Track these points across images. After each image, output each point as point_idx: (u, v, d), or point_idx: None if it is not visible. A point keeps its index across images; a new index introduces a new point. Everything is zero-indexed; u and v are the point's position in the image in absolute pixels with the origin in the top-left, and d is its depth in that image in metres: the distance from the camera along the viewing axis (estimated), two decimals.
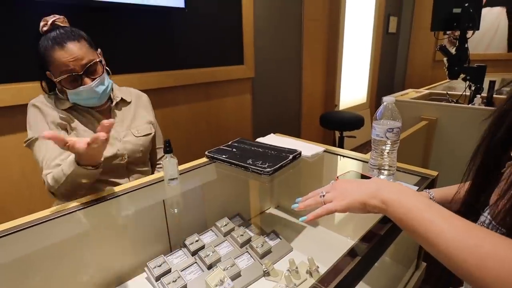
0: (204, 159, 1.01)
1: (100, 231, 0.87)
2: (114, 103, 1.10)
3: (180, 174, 0.90)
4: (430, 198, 0.69)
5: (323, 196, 0.59)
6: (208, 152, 1.01)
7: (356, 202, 0.53)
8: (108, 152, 1.03)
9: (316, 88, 3.11)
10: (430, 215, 0.43)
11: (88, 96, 0.98)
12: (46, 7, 1.28)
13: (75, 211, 0.77)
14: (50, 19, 0.97)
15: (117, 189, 0.86)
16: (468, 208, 0.54)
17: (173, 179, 0.86)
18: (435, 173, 0.87)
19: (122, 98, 1.13)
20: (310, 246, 0.97)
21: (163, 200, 0.92)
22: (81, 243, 0.89)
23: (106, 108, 1.10)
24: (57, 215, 0.74)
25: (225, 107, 2.17)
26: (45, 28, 0.95)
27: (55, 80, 0.96)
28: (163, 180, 0.89)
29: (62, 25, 0.99)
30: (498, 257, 0.35)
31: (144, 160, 1.17)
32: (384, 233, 0.63)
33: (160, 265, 0.83)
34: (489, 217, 0.47)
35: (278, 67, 2.58)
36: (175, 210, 0.92)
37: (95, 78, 0.98)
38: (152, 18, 1.65)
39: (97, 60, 0.99)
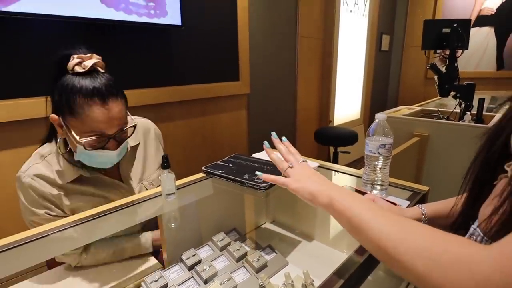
0: (201, 174, 1.03)
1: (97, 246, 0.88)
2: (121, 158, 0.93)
3: (177, 189, 0.92)
4: (422, 214, 0.71)
5: (289, 167, 0.65)
6: (205, 168, 1.02)
7: (306, 191, 0.59)
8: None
9: (311, 104, 3.17)
10: (367, 210, 0.49)
11: (104, 161, 0.86)
12: (44, 24, 1.32)
13: (71, 227, 0.77)
14: (89, 61, 0.79)
15: (114, 204, 0.87)
16: (465, 218, 0.56)
17: (170, 194, 0.88)
18: (426, 188, 0.89)
19: (130, 147, 0.99)
20: (305, 260, 0.97)
21: (161, 215, 0.93)
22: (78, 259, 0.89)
23: (114, 166, 0.93)
24: (53, 231, 0.74)
25: (221, 123, 2.20)
26: (79, 70, 0.78)
27: (76, 138, 0.79)
28: (160, 195, 0.90)
29: (101, 70, 0.83)
30: (411, 243, 0.41)
31: None
32: None
33: (156, 280, 0.83)
34: (478, 230, 0.49)
35: (273, 83, 2.64)
36: (172, 225, 0.93)
37: (120, 144, 0.86)
38: (149, 35, 1.70)
39: (132, 125, 0.86)
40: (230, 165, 1.03)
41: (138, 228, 1.01)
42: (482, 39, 3.83)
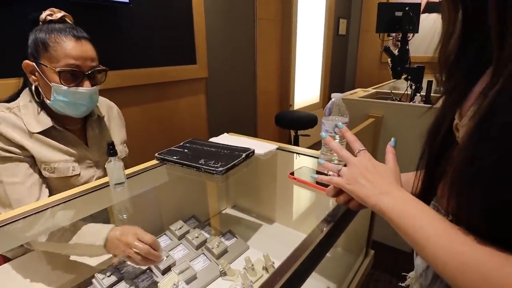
0: (154, 162, 0.97)
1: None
2: (89, 120, 0.97)
3: (128, 178, 0.86)
4: None
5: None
6: (159, 154, 0.97)
7: (356, 195, 0.55)
8: (85, 177, 0.92)
9: (271, 88, 3.16)
10: (420, 222, 0.44)
11: (80, 102, 0.86)
12: None
13: (14, 221, 0.69)
14: (59, 12, 0.88)
15: (58, 196, 0.79)
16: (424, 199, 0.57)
17: (119, 183, 0.82)
18: None
19: (97, 115, 1.00)
20: (266, 243, 0.97)
21: (110, 207, 0.87)
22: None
23: (80, 128, 0.96)
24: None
25: (178, 108, 2.12)
26: (50, 18, 0.86)
27: (54, 68, 0.81)
28: (108, 185, 0.83)
29: (70, 22, 0.90)
30: (476, 262, 0.37)
31: None
32: (333, 225, 0.65)
33: (109, 276, 0.79)
34: (440, 207, 0.50)
35: (232, 67, 2.58)
36: (124, 216, 0.88)
37: (95, 85, 0.89)
38: (93, 13, 1.55)
39: (104, 67, 0.91)
40: (186, 150, 0.99)
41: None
42: (431, 25, 4.02)
